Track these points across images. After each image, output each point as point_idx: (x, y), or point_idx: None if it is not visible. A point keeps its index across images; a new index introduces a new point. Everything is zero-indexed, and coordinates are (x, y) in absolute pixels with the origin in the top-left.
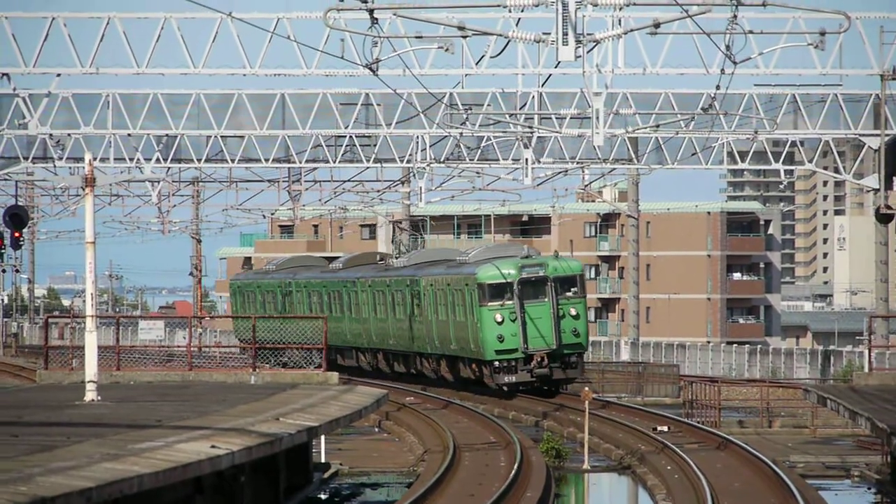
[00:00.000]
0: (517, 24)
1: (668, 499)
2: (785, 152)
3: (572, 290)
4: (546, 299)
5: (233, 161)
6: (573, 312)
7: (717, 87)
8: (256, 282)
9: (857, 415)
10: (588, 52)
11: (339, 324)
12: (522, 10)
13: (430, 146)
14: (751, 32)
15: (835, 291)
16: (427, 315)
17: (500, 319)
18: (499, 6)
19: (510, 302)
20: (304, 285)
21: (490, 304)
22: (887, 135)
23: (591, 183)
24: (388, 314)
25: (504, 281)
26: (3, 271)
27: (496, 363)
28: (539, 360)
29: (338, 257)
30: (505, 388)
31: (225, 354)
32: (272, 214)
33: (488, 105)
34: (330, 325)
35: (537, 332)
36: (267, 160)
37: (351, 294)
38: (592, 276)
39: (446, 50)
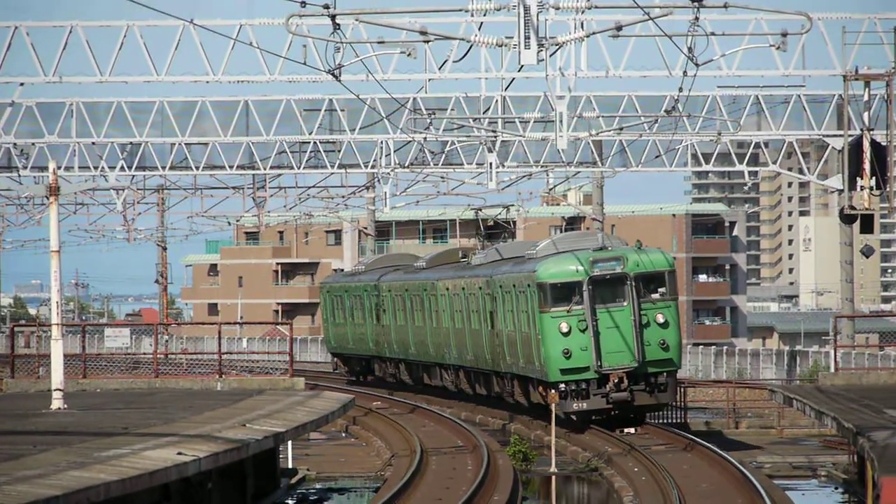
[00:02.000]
0: (479, 29)
1: (635, 501)
2: (749, 154)
3: (659, 290)
4: (625, 303)
5: (197, 168)
6: (660, 319)
7: (680, 90)
8: (345, 285)
9: (823, 415)
10: (550, 55)
11: (422, 334)
12: (485, 15)
13: (395, 151)
14: (712, 34)
15: (800, 292)
16: (499, 325)
17: (565, 330)
18: (461, 11)
19: (579, 307)
20: (388, 289)
21: (553, 309)
22: (850, 135)
23: (555, 186)
24: (464, 323)
25: (570, 280)
26: None
27: (562, 386)
28: (617, 381)
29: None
30: (573, 418)
31: (192, 361)
32: (237, 221)
33: (452, 109)
34: (414, 335)
35: (614, 346)
36: (231, 167)
37: (430, 299)
38: None
39: (409, 55)
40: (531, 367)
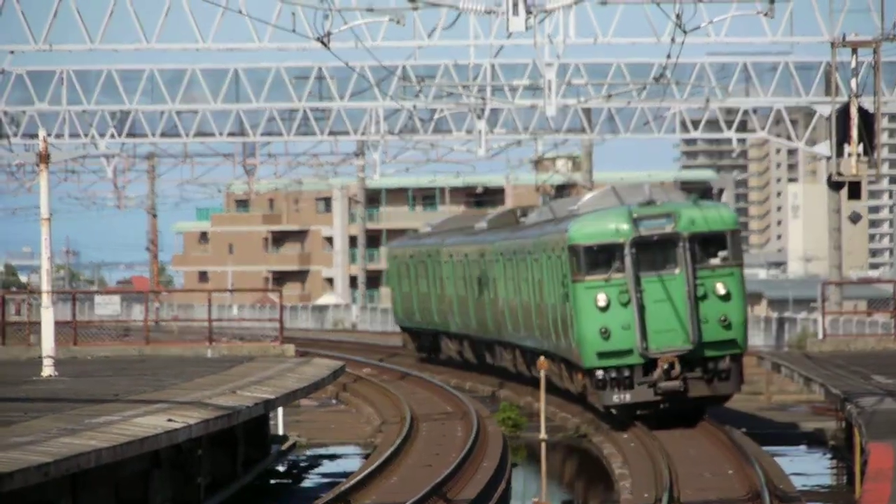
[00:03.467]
0: None
1: (623, 467)
2: (737, 121)
3: (720, 254)
4: (678, 269)
5: (187, 136)
6: (721, 290)
7: (669, 57)
8: (411, 250)
9: (811, 381)
10: (539, 22)
11: (482, 307)
12: None
13: (384, 119)
14: (700, 1)
15: (789, 259)
16: (546, 297)
17: (603, 303)
18: None
19: (619, 275)
20: (449, 254)
21: (588, 278)
22: (838, 102)
23: (544, 153)
24: (518, 294)
25: (609, 241)
26: None
27: (598, 373)
28: (667, 367)
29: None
30: (613, 412)
31: (182, 328)
32: (228, 188)
33: (441, 77)
34: (475, 308)
35: (663, 323)
36: (221, 134)
37: (487, 265)
38: None
39: (398, 22)
40: (562, 347)
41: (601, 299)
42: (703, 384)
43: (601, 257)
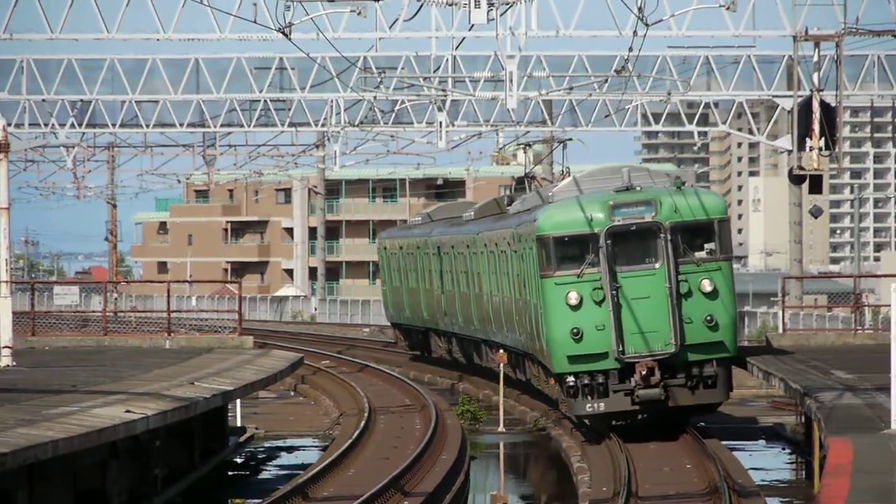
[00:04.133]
0: None
1: (582, 460)
2: (699, 114)
3: (706, 246)
4: (658, 264)
5: (147, 126)
6: (707, 287)
7: (630, 50)
8: (400, 241)
9: (771, 376)
10: (501, 14)
11: (467, 303)
12: None
13: (345, 110)
14: None
15: (750, 253)
16: (518, 290)
17: (574, 301)
18: None
19: (593, 270)
20: (437, 244)
21: (558, 273)
22: (800, 96)
23: (505, 146)
24: (501, 290)
25: (581, 232)
26: None
27: (569, 379)
28: (645, 373)
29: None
30: (587, 422)
31: (141, 319)
32: (187, 179)
33: (402, 68)
34: (461, 304)
35: (642, 324)
36: (181, 125)
37: (473, 258)
38: None
39: (359, 13)
40: (538, 349)
41: (572, 297)
42: (687, 392)
43: (573, 250)
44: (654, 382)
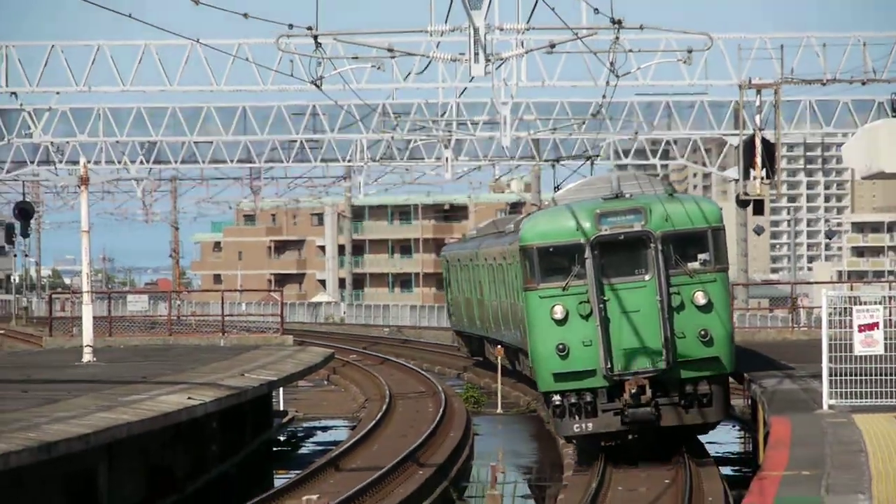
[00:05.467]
0: (437, 47)
1: None
2: (661, 150)
3: (700, 257)
4: (648, 276)
5: (203, 162)
6: (700, 300)
7: (604, 97)
8: (458, 254)
9: None
10: (496, 68)
11: (507, 312)
12: (442, 35)
13: (367, 148)
14: (630, 51)
15: None
16: (510, 296)
17: (560, 316)
18: (422, 31)
19: (579, 282)
20: (484, 257)
21: (542, 286)
22: (745, 134)
23: (500, 177)
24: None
25: (566, 242)
26: (16, 255)
27: (555, 398)
28: (635, 391)
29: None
30: (574, 442)
31: (199, 322)
32: (237, 206)
33: (414, 113)
34: (502, 313)
35: (631, 339)
36: (232, 161)
37: (509, 269)
38: None
39: (379, 68)
40: (525, 364)
41: (558, 311)
42: (679, 411)
43: (558, 261)
44: (645, 401)
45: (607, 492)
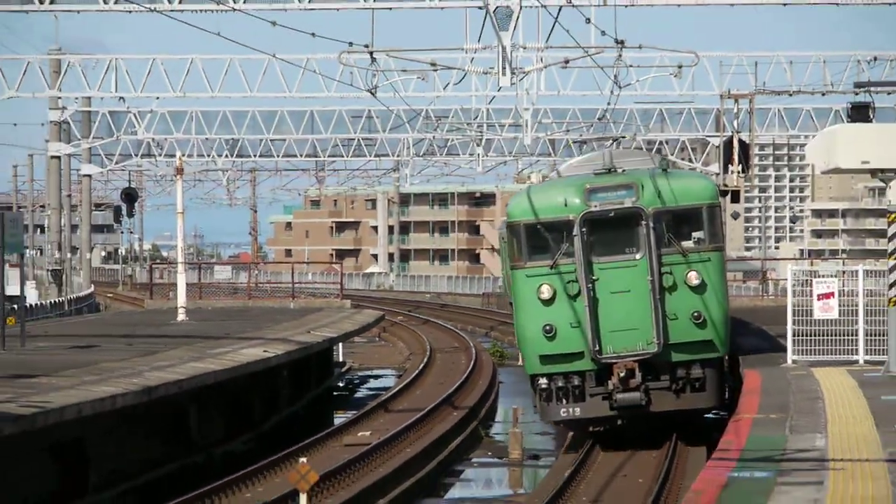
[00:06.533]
0: (471, 62)
1: None
2: (655, 148)
3: (694, 234)
4: (639, 254)
5: (278, 156)
6: (694, 280)
7: (609, 104)
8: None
9: None
10: (520, 80)
11: None
12: (475, 52)
13: (413, 145)
14: (630, 66)
15: None
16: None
17: (547, 295)
18: (459, 49)
19: (568, 260)
20: None
21: (529, 264)
22: (725, 136)
23: (523, 170)
24: None
25: (554, 218)
26: (122, 232)
27: (541, 380)
28: (624, 375)
29: (353, 223)
30: (562, 426)
31: (273, 288)
32: (305, 192)
33: (452, 117)
34: None
35: (621, 320)
36: (301, 155)
37: None
38: None
39: (423, 79)
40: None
41: (545, 290)
42: (671, 395)
43: (546, 238)
44: (634, 385)
45: (587, 474)
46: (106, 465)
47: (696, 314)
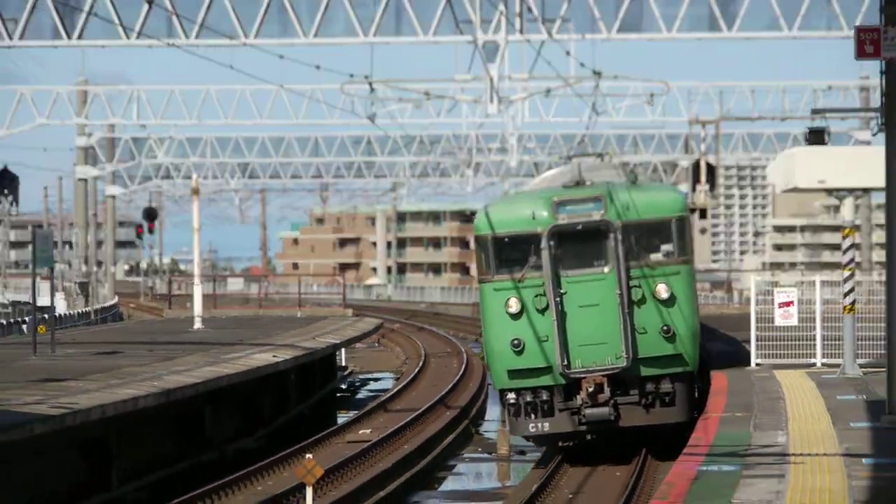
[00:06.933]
0: (462, 91)
1: None
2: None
3: (663, 247)
4: (607, 268)
5: (285, 177)
6: (663, 293)
7: (587, 129)
8: None
9: None
10: (506, 108)
11: None
12: (465, 83)
13: (409, 167)
14: (607, 95)
15: None
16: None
17: (515, 309)
18: (450, 80)
19: (536, 274)
20: None
21: (497, 278)
22: (693, 158)
23: (509, 190)
24: None
25: (521, 231)
26: (143, 248)
27: (510, 395)
28: (592, 390)
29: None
30: (530, 442)
31: (282, 298)
32: (310, 211)
33: (444, 142)
34: None
35: (589, 335)
36: (307, 177)
37: None
38: None
39: (418, 107)
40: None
41: (513, 304)
42: (640, 410)
43: (513, 252)
44: (603, 400)
45: (568, 469)
46: (127, 461)
47: (665, 328)
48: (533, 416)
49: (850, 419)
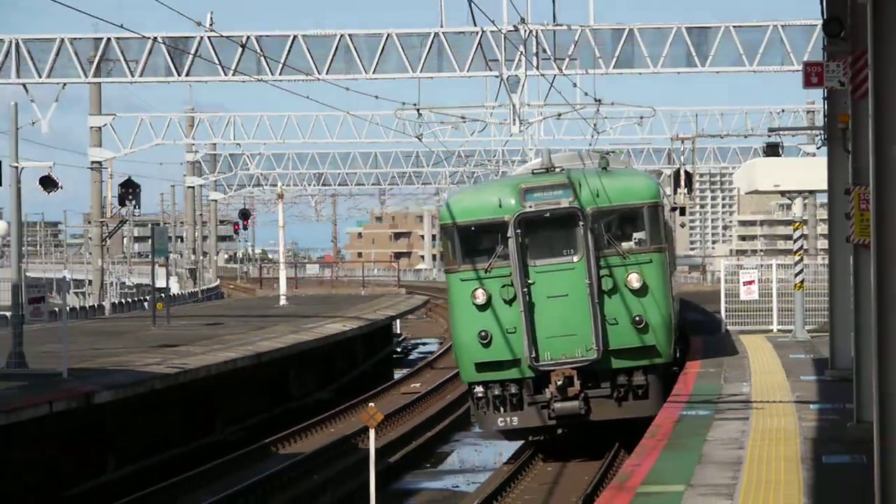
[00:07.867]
0: (491, 115)
1: None
2: None
3: (634, 235)
4: (577, 257)
5: (352, 185)
6: (635, 283)
7: (590, 145)
8: None
9: None
10: (526, 128)
11: None
12: (494, 108)
13: (449, 176)
14: (605, 118)
15: None
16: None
17: (482, 300)
18: (481, 106)
19: (503, 263)
20: None
21: (463, 268)
22: (674, 167)
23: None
24: None
25: (487, 220)
26: (239, 241)
27: (477, 389)
28: (562, 383)
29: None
30: (501, 435)
31: (349, 280)
32: (371, 211)
33: (477, 156)
34: None
35: (558, 326)
36: (369, 184)
37: None
38: None
39: (455, 128)
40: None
41: (479, 295)
42: (612, 404)
43: (480, 241)
44: (573, 394)
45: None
46: (227, 411)
47: (637, 318)
48: (501, 410)
49: (800, 373)
